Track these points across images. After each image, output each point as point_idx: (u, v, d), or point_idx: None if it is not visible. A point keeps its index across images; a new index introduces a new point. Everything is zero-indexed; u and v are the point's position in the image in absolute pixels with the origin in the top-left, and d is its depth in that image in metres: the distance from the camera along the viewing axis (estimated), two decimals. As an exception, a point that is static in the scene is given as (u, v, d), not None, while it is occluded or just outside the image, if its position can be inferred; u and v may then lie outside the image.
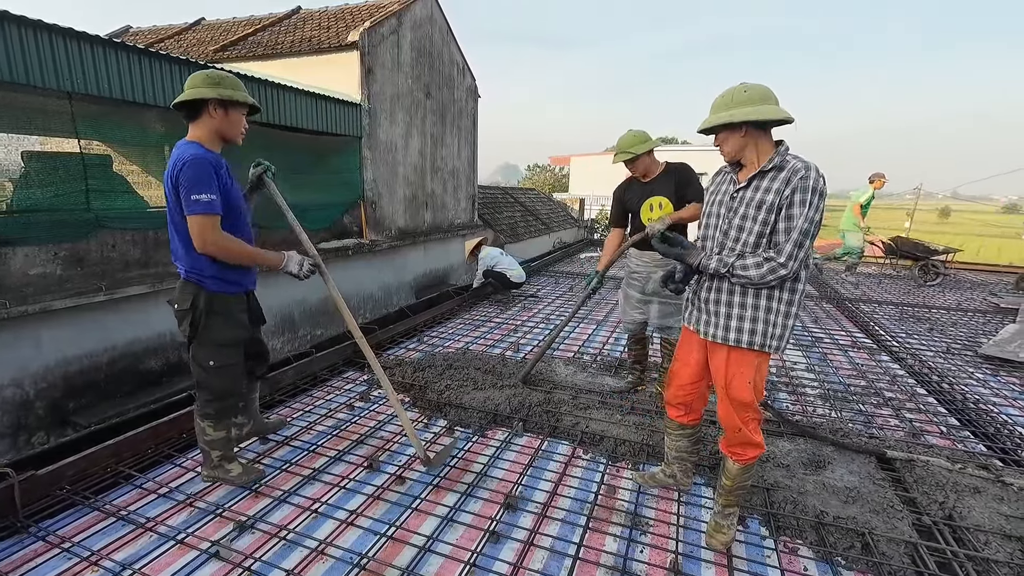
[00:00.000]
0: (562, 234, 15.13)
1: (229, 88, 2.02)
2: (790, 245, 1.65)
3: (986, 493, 2.26)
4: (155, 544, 1.92)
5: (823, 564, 1.90)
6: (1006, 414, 3.18)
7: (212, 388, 2.16)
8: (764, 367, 1.84)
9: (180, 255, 2.06)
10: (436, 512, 2.15)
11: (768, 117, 1.68)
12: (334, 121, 6.63)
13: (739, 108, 1.72)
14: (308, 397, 3.31)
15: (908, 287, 7.57)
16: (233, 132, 2.09)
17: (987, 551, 1.93)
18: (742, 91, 1.74)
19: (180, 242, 2.03)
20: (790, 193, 1.65)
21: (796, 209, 1.65)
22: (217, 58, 7.63)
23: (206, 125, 2.03)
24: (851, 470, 2.44)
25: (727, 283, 1.82)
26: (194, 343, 2.12)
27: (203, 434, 2.22)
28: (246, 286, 2.24)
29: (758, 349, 1.79)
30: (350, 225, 7.57)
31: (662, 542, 2.00)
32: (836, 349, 4.41)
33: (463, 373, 3.56)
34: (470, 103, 10.81)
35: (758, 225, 1.72)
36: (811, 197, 1.64)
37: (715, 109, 1.80)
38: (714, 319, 1.87)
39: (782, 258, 1.66)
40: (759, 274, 1.69)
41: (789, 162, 1.70)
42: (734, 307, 1.81)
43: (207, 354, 2.12)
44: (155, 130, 5.21)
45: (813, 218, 1.64)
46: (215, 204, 1.93)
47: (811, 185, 1.63)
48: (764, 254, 1.70)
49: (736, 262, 1.75)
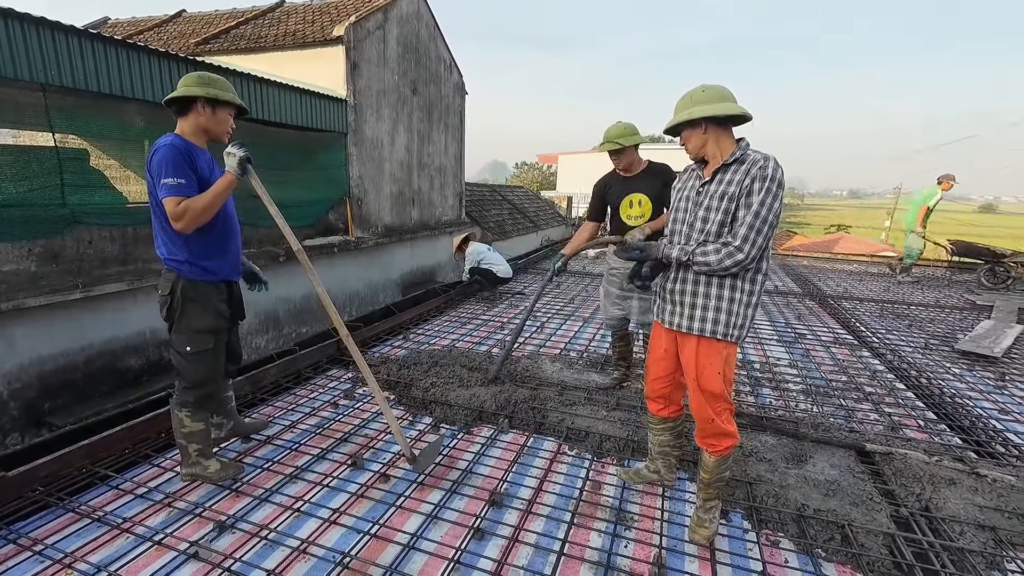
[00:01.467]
0: (550, 232, 15.16)
1: (218, 89, 2.11)
2: (744, 228, 1.71)
3: (961, 485, 2.31)
4: (132, 545, 1.88)
5: (803, 556, 1.92)
6: (980, 408, 3.26)
7: (188, 375, 2.18)
8: (732, 357, 1.89)
9: (160, 242, 2.12)
10: (420, 510, 2.14)
11: (725, 113, 1.78)
12: (319, 117, 6.55)
13: (698, 107, 1.81)
14: (291, 395, 3.27)
15: (888, 283, 7.72)
16: (219, 130, 2.17)
17: (962, 541, 1.97)
18: (701, 91, 1.84)
19: (158, 229, 2.10)
20: (749, 182, 1.72)
21: (755, 197, 1.71)
22: (199, 51, 7.48)
23: (192, 121, 2.12)
24: (832, 463, 2.48)
25: (691, 274, 1.88)
26: (172, 329, 2.17)
27: (180, 426, 2.20)
28: (226, 275, 2.26)
29: (721, 338, 1.84)
30: (336, 222, 7.49)
31: (646, 537, 2.01)
32: (818, 345, 4.48)
33: (449, 370, 3.55)
34: (457, 100, 10.75)
35: (720, 215, 1.79)
36: (769, 185, 1.70)
37: (677, 110, 1.89)
38: (679, 309, 1.92)
39: (737, 241, 1.72)
40: (717, 259, 1.75)
41: (749, 155, 1.78)
42: (698, 297, 1.86)
43: (184, 340, 2.16)
44: (135, 124, 5.10)
45: (772, 205, 1.70)
46: (184, 187, 1.98)
47: (769, 174, 1.70)
48: (722, 240, 1.77)
49: (696, 249, 1.82)
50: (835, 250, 13.64)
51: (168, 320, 2.16)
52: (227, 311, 2.28)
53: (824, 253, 11.76)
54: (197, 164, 2.05)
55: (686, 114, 1.83)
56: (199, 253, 2.13)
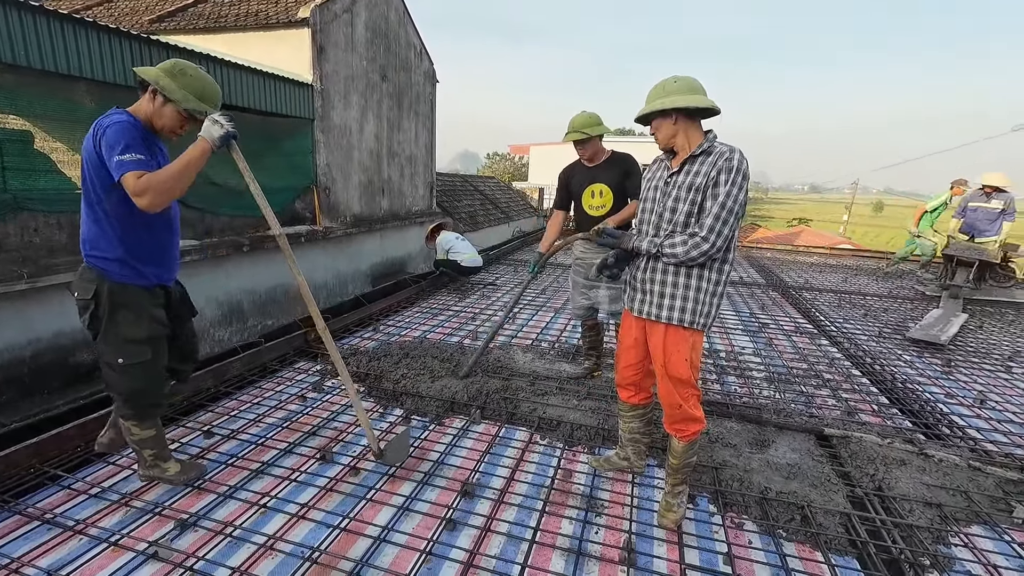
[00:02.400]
0: (521, 223, 15.16)
1: (174, 83, 1.86)
2: (711, 219, 1.76)
3: (911, 465, 2.44)
4: (86, 547, 1.80)
5: (766, 537, 2.00)
6: (929, 392, 3.44)
7: (122, 388, 1.94)
8: (699, 345, 1.94)
9: (90, 234, 1.84)
10: (391, 502, 2.11)
11: (695, 105, 1.81)
12: (284, 102, 6.33)
13: (670, 97, 1.83)
14: (257, 389, 3.18)
15: (846, 275, 8.04)
16: (160, 125, 1.91)
17: (911, 518, 2.08)
18: (672, 82, 1.87)
19: (91, 220, 1.83)
20: (716, 174, 1.76)
21: (721, 188, 1.75)
22: (153, 29, 7.11)
23: (143, 106, 1.90)
24: (793, 448, 2.57)
25: (660, 264, 1.91)
26: (99, 339, 1.91)
27: (129, 434, 2.04)
28: (161, 279, 2.01)
29: (688, 326, 1.89)
30: (303, 211, 7.28)
31: (616, 523, 2.04)
32: (780, 334, 4.63)
33: (420, 362, 3.51)
34: (428, 88, 10.58)
35: (687, 205, 1.83)
36: (735, 176, 1.75)
37: (649, 99, 1.91)
38: (648, 298, 1.96)
39: (704, 231, 1.76)
40: (684, 250, 1.80)
41: (716, 147, 1.82)
42: (667, 286, 1.90)
43: (114, 351, 1.90)
44: (84, 105, 4.81)
45: (737, 196, 1.75)
46: (144, 163, 1.74)
47: (735, 166, 1.75)
48: (689, 231, 1.81)
49: (665, 241, 1.86)
50: (797, 243, 14.14)
51: (92, 328, 1.89)
52: (164, 317, 2.02)
53: (786, 245, 12.17)
54: (151, 148, 1.86)
55: (658, 104, 1.84)
56: (137, 253, 1.88)
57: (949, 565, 1.86)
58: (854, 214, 30.43)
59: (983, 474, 2.39)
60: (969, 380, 3.70)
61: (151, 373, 1.99)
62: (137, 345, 1.93)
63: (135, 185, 1.70)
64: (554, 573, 1.77)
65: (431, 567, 1.78)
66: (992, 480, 2.35)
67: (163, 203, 1.76)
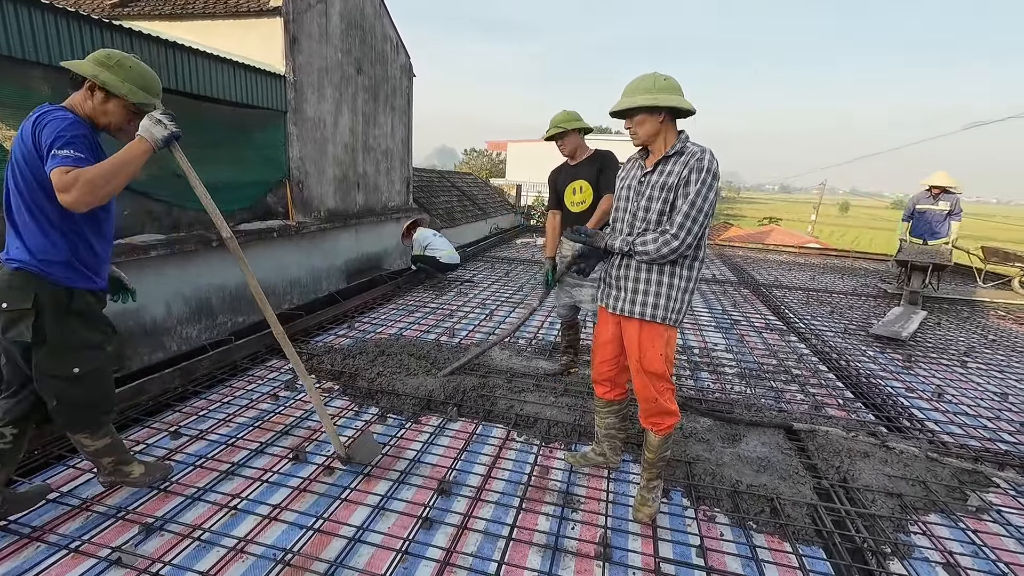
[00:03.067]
0: (499, 220, 15.12)
1: (115, 76, 1.72)
2: (680, 217, 1.79)
3: (874, 457, 2.53)
4: (44, 555, 1.72)
5: (737, 529, 2.04)
6: (891, 387, 3.57)
7: (79, 400, 1.80)
8: (672, 340, 1.98)
9: (27, 234, 1.67)
10: (367, 502, 2.09)
11: (684, 107, 1.82)
12: (255, 93, 6.15)
13: (662, 94, 1.82)
14: (227, 387, 3.10)
15: (814, 273, 8.28)
16: (105, 123, 1.78)
17: (873, 508, 2.16)
18: (662, 79, 1.85)
19: (27, 218, 1.66)
20: (687, 173, 1.80)
21: (691, 187, 1.78)
22: (116, 14, 6.81)
23: (80, 104, 1.75)
24: (763, 442, 2.64)
25: (634, 261, 1.95)
26: (41, 352, 1.71)
27: (83, 448, 1.91)
28: (104, 283, 1.89)
29: (661, 322, 1.93)
30: (275, 205, 7.10)
31: (592, 518, 2.06)
32: (752, 331, 4.74)
33: (396, 360, 3.47)
34: (405, 81, 10.44)
35: (660, 204, 1.86)
36: (705, 176, 1.78)
37: (632, 92, 1.87)
38: (623, 294, 1.99)
39: (674, 229, 1.80)
40: (655, 248, 1.83)
41: (688, 147, 1.85)
42: (640, 283, 1.94)
43: (67, 362, 1.74)
44: (40, 91, 4.58)
45: (707, 196, 1.78)
46: (83, 161, 1.58)
47: (706, 166, 1.78)
48: (660, 229, 1.85)
49: (637, 239, 1.89)
50: (767, 241, 14.50)
51: (35, 339, 1.67)
52: (110, 322, 1.90)
53: (758, 244, 12.47)
54: (95, 150, 1.69)
55: (650, 98, 1.80)
56: (86, 253, 1.74)
57: (908, 552, 1.94)
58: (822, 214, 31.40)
59: (940, 465, 2.50)
60: (928, 375, 3.86)
61: (108, 377, 1.91)
62: (93, 351, 1.82)
63: (61, 180, 1.53)
64: (530, 569, 1.78)
65: (407, 567, 1.77)
66: (948, 470, 2.46)
67: (90, 203, 1.57)
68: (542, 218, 15.88)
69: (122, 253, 4.06)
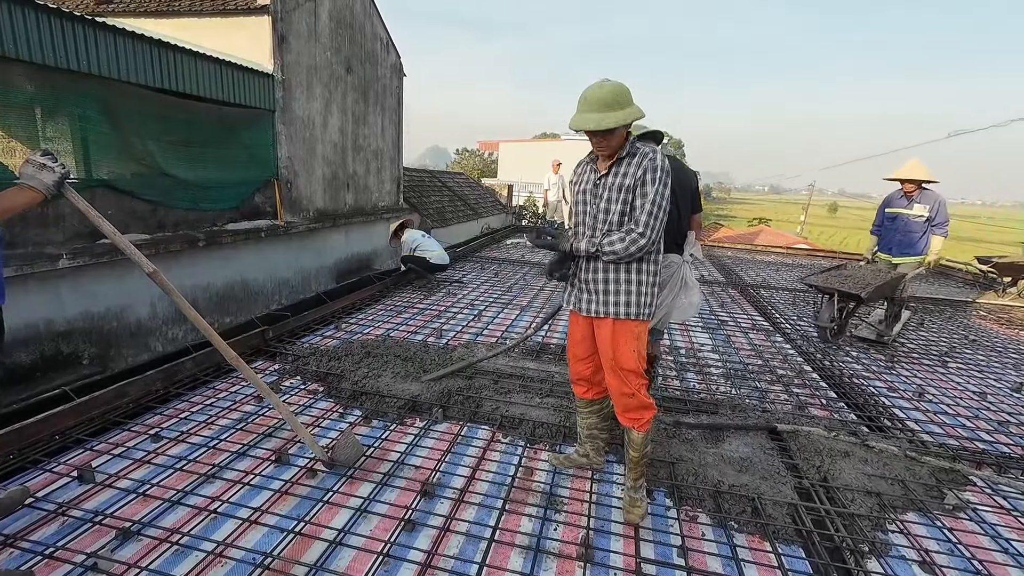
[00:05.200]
0: (490, 220, 15.10)
1: None
2: (645, 215, 1.87)
3: (854, 456, 2.56)
4: (16, 561, 1.70)
5: (719, 529, 2.06)
6: (873, 387, 3.61)
7: None
8: (644, 334, 2.03)
9: None
10: (349, 504, 2.08)
11: (641, 115, 1.89)
12: (243, 92, 6.09)
13: (625, 109, 1.86)
14: (210, 389, 3.07)
15: (802, 273, 8.36)
16: None
17: (853, 507, 2.19)
18: (626, 91, 1.88)
19: None
20: (642, 174, 1.88)
21: (648, 187, 1.88)
22: (100, 11, 6.72)
23: None
24: (745, 442, 2.66)
25: (601, 263, 1.99)
26: None
27: None
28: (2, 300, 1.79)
29: (633, 318, 1.98)
30: (263, 205, 7.04)
31: (575, 519, 2.07)
32: (738, 331, 4.78)
33: (382, 361, 3.46)
34: (395, 81, 10.40)
35: (620, 205, 1.93)
36: (660, 175, 1.88)
37: (597, 107, 1.84)
38: (594, 296, 2.02)
39: (640, 228, 1.87)
40: (623, 247, 1.89)
41: (639, 149, 1.94)
42: (610, 283, 1.98)
43: None
44: (23, 89, 4.51)
45: (663, 193, 1.89)
46: None
47: (658, 165, 1.88)
48: (625, 228, 1.91)
49: (603, 240, 1.94)
50: (756, 242, 14.62)
51: None
52: None
53: (747, 245, 12.57)
54: None
55: (622, 115, 1.83)
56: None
57: (886, 551, 1.96)
58: (810, 215, 31.72)
59: (919, 464, 2.53)
60: (910, 375, 3.91)
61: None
62: None
63: None
64: (512, 571, 1.78)
65: (388, 569, 1.76)
66: (927, 469, 2.49)
67: None
68: (532, 219, 15.90)
69: (106, 253, 4.01)
